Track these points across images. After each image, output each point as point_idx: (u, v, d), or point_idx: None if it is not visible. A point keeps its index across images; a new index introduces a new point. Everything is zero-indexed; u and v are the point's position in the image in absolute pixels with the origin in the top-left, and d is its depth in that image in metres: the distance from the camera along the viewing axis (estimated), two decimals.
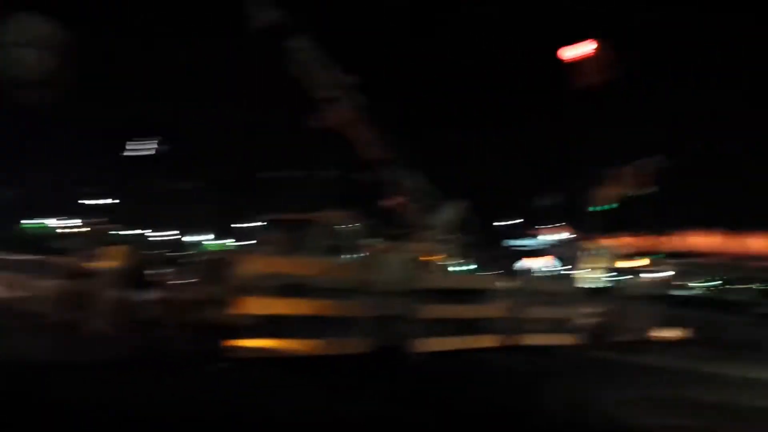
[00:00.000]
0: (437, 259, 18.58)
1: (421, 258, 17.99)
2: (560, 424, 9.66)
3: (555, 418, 9.94)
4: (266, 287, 12.19)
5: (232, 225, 64.12)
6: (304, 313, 12.46)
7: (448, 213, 18.74)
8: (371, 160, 17.96)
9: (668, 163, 52.77)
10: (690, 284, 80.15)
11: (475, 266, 26.23)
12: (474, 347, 14.95)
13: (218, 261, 14.14)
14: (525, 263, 41.86)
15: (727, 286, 79.09)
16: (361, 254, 15.92)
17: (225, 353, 11.36)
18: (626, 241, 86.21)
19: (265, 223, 17.10)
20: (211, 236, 73.01)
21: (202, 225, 73.04)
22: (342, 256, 15.07)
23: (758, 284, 76.16)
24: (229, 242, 70.17)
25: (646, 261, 52.71)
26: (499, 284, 17.44)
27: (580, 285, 22.71)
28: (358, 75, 16.86)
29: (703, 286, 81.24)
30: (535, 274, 37.36)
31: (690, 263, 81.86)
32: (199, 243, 68.49)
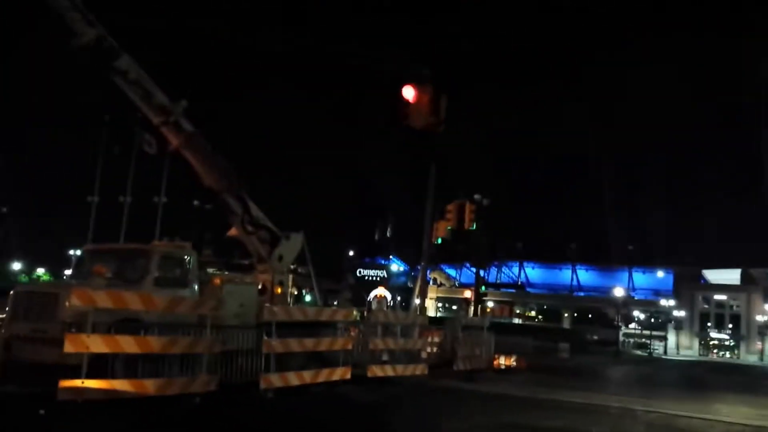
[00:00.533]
0: (282, 291, 17.95)
1: (264, 290, 17.33)
2: None
3: None
4: (99, 323, 11.01)
5: (55, 253, 59.25)
6: (142, 350, 11.38)
7: (291, 244, 18.23)
8: (210, 187, 17.07)
9: (488, 201, 56.46)
10: (518, 313, 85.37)
11: (322, 298, 25.90)
12: (322, 380, 14.50)
13: (44, 294, 12.69)
14: (376, 293, 42.16)
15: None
16: (201, 287, 14.99)
17: (55, 395, 10.07)
18: (456, 273, 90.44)
19: (90, 252, 15.59)
20: (19, 266, 66.73)
21: (10, 253, 66.19)
22: (180, 290, 14.04)
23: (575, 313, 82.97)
24: (42, 272, 64.60)
25: (471, 293, 55.50)
26: (346, 315, 17.14)
27: (421, 315, 23.04)
28: (187, 100, 16.07)
29: (530, 315, 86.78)
30: (381, 305, 37.63)
31: (514, 293, 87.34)
32: (9, 272, 62.41)
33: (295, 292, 31.91)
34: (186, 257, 14.70)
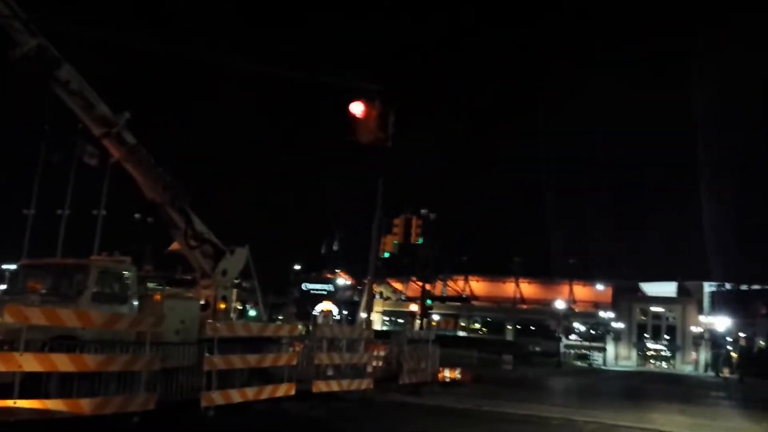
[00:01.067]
0: (225, 306, 17.65)
1: (207, 305, 17.01)
2: None
3: None
4: (33, 340, 10.60)
5: None
6: (77, 369, 11.00)
7: (236, 258, 17.98)
8: (152, 200, 16.71)
9: (434, 216, 57.07)
10: (461, 326, 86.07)
11: (266, 313, 25.66)
12: (266, 397, 14.28)
13: None
14: (321, 307, 41.91)
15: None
16: (141, 303, 14.62)
17: None
18: (402, 287, 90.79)
19: (25, 267, 15.04)
20: None
21: None
22: (118, 306, 13.67)
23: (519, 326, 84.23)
24: None
25: (416, 306, 55.77)
26: (291, 330, 16.98)
27: (367, 329, 23.01)
28: (129, 111, 15.77)
29: (475, 328, 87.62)
30: (327, 319, 37.42)
31: (459, 306, 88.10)
32: None
33: (239, 307, 31.41)
34: (125, 272, 14.34)
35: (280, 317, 50.88)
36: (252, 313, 45.89)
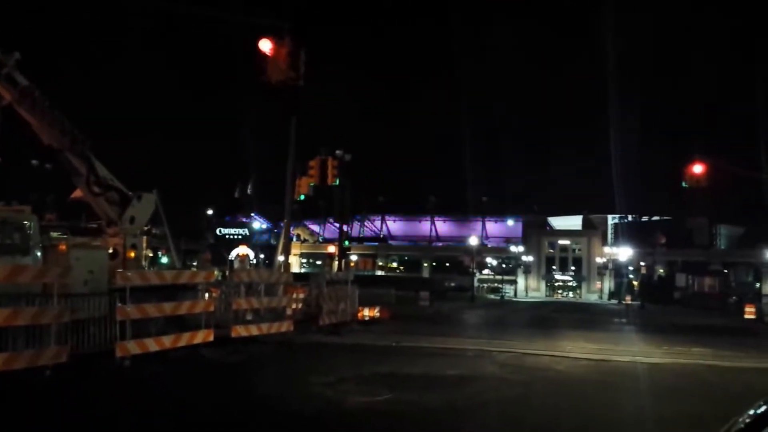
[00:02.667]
0: (135, 254, 17.10)
1: (116, 254, 16.42)
2: (273, 412, 9.43)
3: (267, 408, 9.68)
4: None
5: None
6: None
7: (144, 204, 17.36)
8: (49, 146, 15.79)
9: (350, 157, 56.89)
10: (380, 266, 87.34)
11: (180, 259, 25.00)
12: (184, 345, 14.06)
13: None
14: (237, 252, 41.20)
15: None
16: (45, 254, 13.94)
17: None
18: (319, 229, 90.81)
19: None
20: None
21: None
22: (21, 257, 12.98)
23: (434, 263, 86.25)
24: None
25: (334, 248, 55.96)
26: (207, 277, 16.66)
27: (285, 272, 22.89)
28: (19, 51, 14.74)
29: (392, 267, 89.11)
30: (244, 264, 36.99)
31: (377, 246, 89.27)
32: None
33: (151, 255, 30.58)
34: (26, 222, 13.58)
35: (195, 263, 49.97)
36: (164, 260, 44.79)
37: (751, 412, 2.15)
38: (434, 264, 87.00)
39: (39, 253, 13.57)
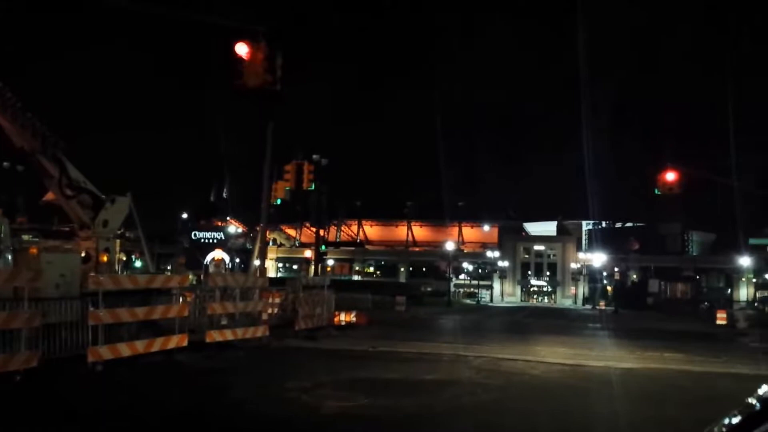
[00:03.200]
0: (108, 258, 16.89)
1: (89, 258, 16.21)
2: (247, 417, 9.34)
3: (242, 413, 9.58)
4: None
5: None
6: None
7: (117, 207, 17.17)
8: (20, 147, 15.55)
9: (326, 161, 56.96)
10: (355, 270, 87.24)
11: (154, 263, 24.67)
12: (158, 350, 13.87)
13: None
14: (213, 256, 40.85)
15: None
16: (15, 257, 13.72)
17: None
18: (296, 233, 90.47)
19: None
20: None
21: None
22: None
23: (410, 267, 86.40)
24: None
25: (310, 252, 55.85)
26: (181, 281, 16.47)
27: (261, 277, 22.75)
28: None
29: (369, 272, 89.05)
30: (219, 268, 36.68)
31: (354, 251, 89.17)
32: None
33: (124, 258, 30.24)
34: None
35: (169, 267, 49.46)
36: (138, 264, 44.28)
37: (726, 421, 2.15)
38: (411, 269, 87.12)
39: (9, 256, 13.34)
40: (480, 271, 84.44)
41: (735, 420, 2.11)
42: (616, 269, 71.33)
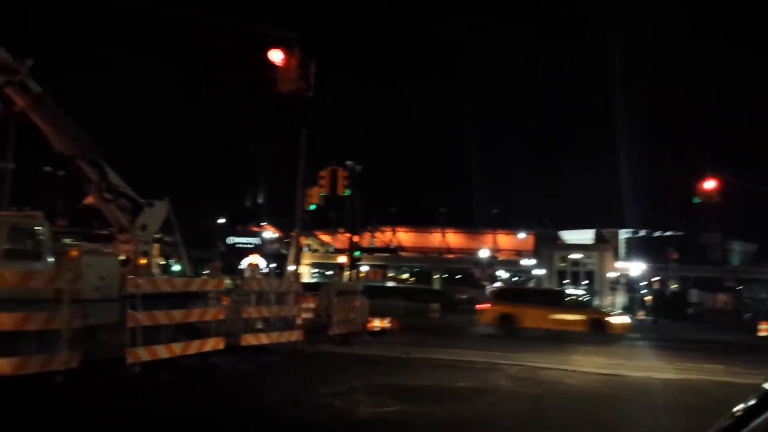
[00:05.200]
0: (146, 261, 17.16)
1: (128, 261, 16.49)
2: (282, 420, 9.40)
3: (276, 417, 9.65)
4: None
5: None
6: None
7: (156, 212, 17.46)
8: (61, 152, 15.92)
9: (360, 167, 57.15)
10: (389, 276, 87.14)
11: (191, 267, 24.97)
12: (194, 352, 14.06)
13: None
14: (248, 261, 41.31)
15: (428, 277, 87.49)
16: (56, 259, 14.01)
17: None
18: (330, 239, 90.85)
19: None
20: None
21: None
22: (32, 263, 13.04)
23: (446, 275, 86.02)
24: None
25: (344, 258, 55.95)
26: (218, 285, 16.67)
27: (295, 282, 22.89)
28: (32, 58, 14.89)
29: (402, 278, 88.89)
30: (254, 272, 37.02)
31: (387, 257, 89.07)
32: None
33: (162, 262, 30.68)
34: (38, 228, 13.66)
35: (206, 272, 50.04)
36: (176, 268, 44.90)
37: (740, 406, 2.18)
38: (445, 276, 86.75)
39: (51, 259, 13.64)
40: (515, 279, 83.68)
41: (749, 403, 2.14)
42: (654, 279, 69.93)
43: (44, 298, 11.94)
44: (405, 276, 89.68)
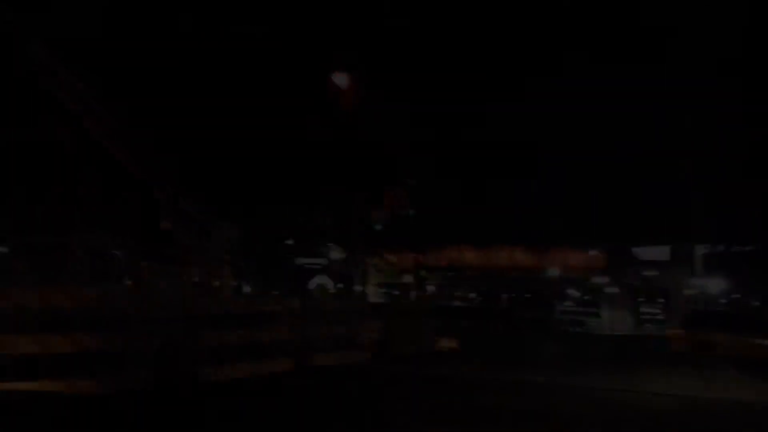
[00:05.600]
0: (216, 282, 17.57)
1: (199, 281, 16.93)
2: None
3: None
4: (19, 322, 10.45)
5: None
6: (68, 350, 10.86)
7: (225, 234, 17.88)
8: (140, 177, 16.54)
9: (419, 186, 57.06)
10: (455, 296, 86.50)
11: (260, 287, 25.48)
12: (262, 372, 14.20)
13: None
14: (316, 281, 41.92)
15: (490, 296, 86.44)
16: (131, 280, 14.51)
17: None
18: (396, 258, 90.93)
19: (7, 248, 14.88)
20: None
21: None
22: (108, 283, 13.55)
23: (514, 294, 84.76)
24: None
25: (410, 277, 55.91)
26: (285, 305, 16.85)
27: (362, 301, 23.00)
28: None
29: (471, 297, 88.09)
30: (322, 293, 37.44)
31: (451, 277, 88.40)
32: None
33: (234, 284, 31.33)
34: (115, 250, 14.17)
35: (275, 292, 50.85)
36: (247, 289, 45.85)
37: None
38: (513, 295, 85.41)
39: (125, 280, 14.10)
40: (586, 297, 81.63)
41: None
42: (733, 296, 66.95)
43: (120, 317, 12.32)
44: (471, 295, 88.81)
